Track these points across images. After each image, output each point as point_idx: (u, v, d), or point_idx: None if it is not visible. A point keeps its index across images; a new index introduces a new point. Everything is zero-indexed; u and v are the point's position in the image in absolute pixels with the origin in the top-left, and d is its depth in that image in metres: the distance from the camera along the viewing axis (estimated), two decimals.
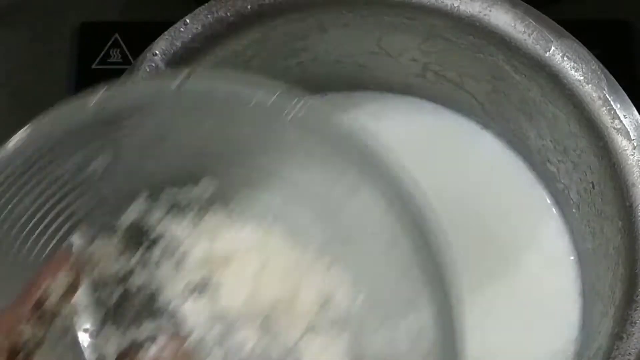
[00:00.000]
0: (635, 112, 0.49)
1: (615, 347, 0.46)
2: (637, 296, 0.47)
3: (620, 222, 0.49)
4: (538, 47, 0.51)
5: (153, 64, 0.50)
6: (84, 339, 0.44)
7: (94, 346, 0.42)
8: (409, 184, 0.37)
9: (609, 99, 0.50)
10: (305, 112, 0.38)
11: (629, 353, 0.46)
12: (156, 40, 0.51)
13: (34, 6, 0.69)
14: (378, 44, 0.56)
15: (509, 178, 0.58)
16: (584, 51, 0.50)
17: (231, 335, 0.40)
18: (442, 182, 0.58)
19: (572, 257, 0.55)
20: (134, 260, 0.42)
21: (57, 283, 0.40)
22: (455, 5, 0.52)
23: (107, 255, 0.42)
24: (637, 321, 0.46)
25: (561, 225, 0.56)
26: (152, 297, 0.42)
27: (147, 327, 0.42)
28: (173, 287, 0.42)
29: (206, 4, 0.52)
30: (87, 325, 0.45)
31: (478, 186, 0.58)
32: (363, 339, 0.40)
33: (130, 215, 0.43)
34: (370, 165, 0.38)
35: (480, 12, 0.51)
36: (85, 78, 0.63)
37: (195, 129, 0.41)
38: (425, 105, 0.60)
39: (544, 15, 0.51)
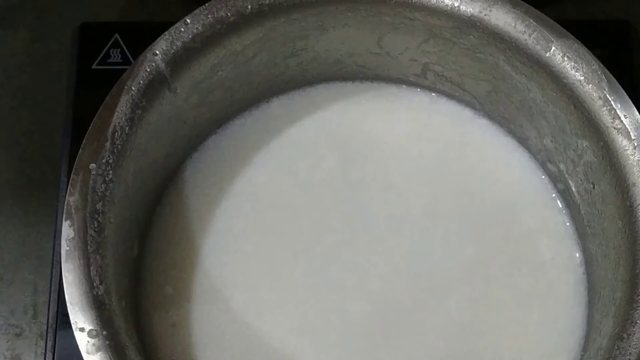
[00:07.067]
0: (636, 112, 0.49)
1: (616, 347, 0.46)
2: (637, 296, 0.47)
3: (620, 222, 0.49)
4: (538, 47, 0.51)
5: (153, 64, 0.50)
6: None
7: None
8: None
9: (610, 99, 0.49)
10: None
11: (630, 353, 0.46)
12: (156, 40, 0.51)
13: (34, 6, 0.69)
14: (378, 44, 0.56)
15: (515, 174, 0.58)
16: (584, 51, 0.50)
17: None
18: (448, 176, 0.58)
19: (576, 256, 0.55)
20: None
21: None
22: (456, 5, 0.52)
23: None
24: (638, 321, 0.46)
25: (566, 224, 0.56)
26: None
27: None
28: None
29: (206, 4, 0.52)
30: (87, 326, 0.45)
31: (484, 181, 0.58)
32: None
33: None
34: None
35: (480, 12, 0.51)
36: (85, 78, 0.63)
37: None
38: (432, 98, 0.60)
39: (544, 15, 0.51)
